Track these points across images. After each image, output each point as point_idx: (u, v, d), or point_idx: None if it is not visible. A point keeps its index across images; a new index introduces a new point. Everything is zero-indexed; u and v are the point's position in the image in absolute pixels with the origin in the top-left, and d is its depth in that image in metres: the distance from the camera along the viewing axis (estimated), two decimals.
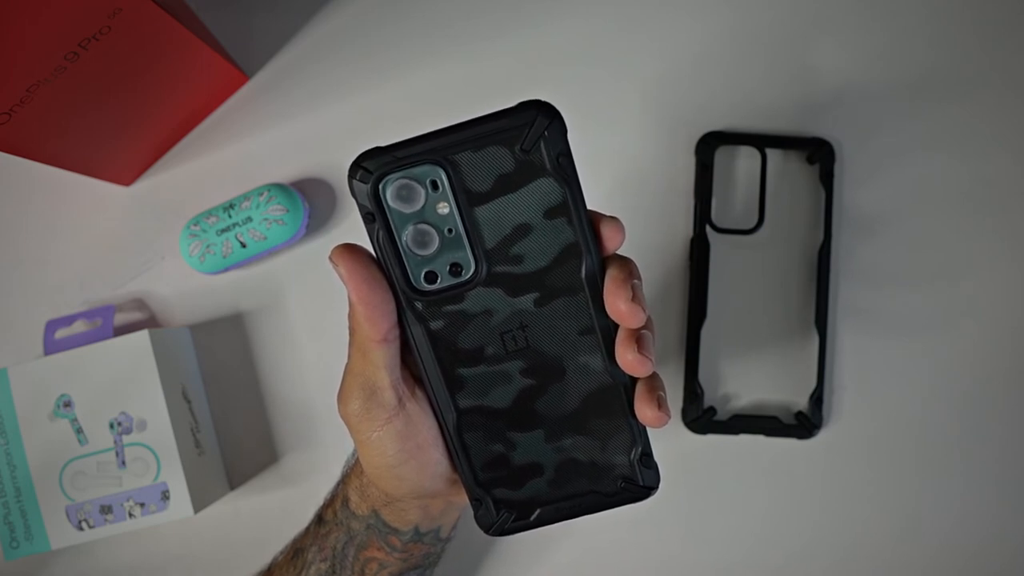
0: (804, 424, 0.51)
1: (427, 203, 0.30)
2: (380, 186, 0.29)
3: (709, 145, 0.52)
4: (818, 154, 0.52)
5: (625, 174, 0.53)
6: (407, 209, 0.30)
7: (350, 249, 0.30)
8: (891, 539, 0.52)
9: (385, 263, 0.30)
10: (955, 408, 0.52)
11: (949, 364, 0.52)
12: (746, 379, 0.53)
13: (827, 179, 0.52)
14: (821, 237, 0.52)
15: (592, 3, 0.54)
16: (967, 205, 0.53)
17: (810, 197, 0.53)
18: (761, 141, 0.52)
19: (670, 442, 0.52)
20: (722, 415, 0.52)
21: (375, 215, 0.30)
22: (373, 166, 0.29)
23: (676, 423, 0.53)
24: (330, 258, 0.30)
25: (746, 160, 0.53)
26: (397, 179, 0.29)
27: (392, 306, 0.30)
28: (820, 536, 0.52)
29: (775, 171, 0.53)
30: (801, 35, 0.53)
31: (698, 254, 0.52)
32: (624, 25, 0.54)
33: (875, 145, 0.53)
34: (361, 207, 0.30)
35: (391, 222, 0.30)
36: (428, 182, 0.29)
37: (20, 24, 0.37)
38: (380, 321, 0.30)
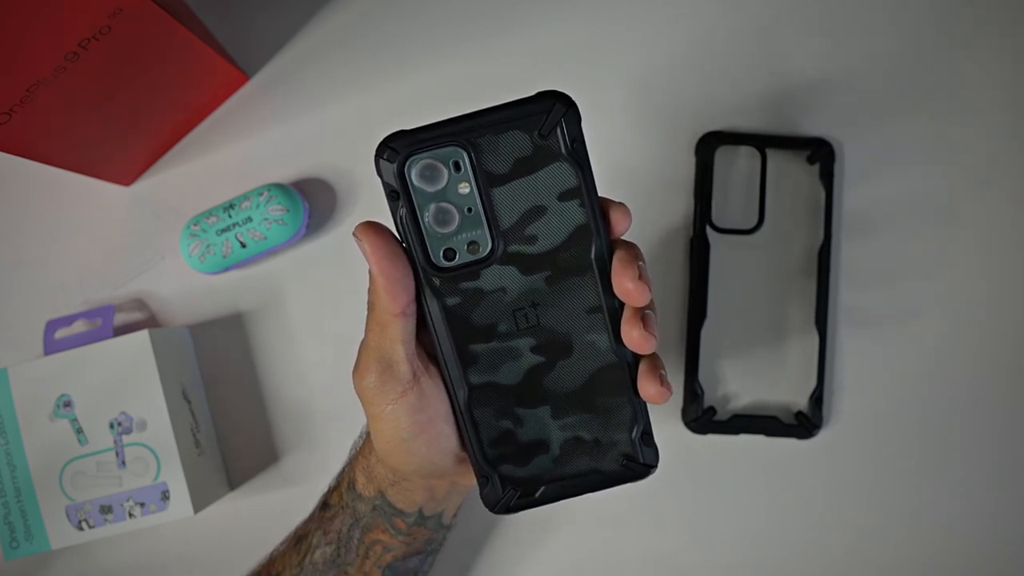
0: (804, 424, 0.51)
1: (449, 183, 0.31)
2: (406, 166, 0.31)
3: (709, 145, 0.52)
4: (818, 154, 0.52)
5: (625, 174, 0.53)
6: (430, 188, 0.31)
7: (373, 226, 0.31)
8: (891, 539, 0.52)
9: (407, 239, 0.32)
10: (955, 408, 0.52)
11: (949, 364, 0.52)
12: (746, 379, 0.53)
13: (827, 179, 0.52)
14: (821, 237, 0.52)
15: (592, 2, 0.54)
16: (967, 205, 0.53)
17: (810, 197, 0.53)
18: (761, 141, 0.52)
19: (670, 442, 0.52)
20: (722, 415, 0.52)
21: (399, 193, 0.31)
22: (400, 146, 0.30)
23: (676, 423, 0.53)
24: (354, 234, 0.31)
25: (746, 160, 0.53)
26: (422, 159, 0.31)
27: (411, 281, 0.32)
28: (820, 536, 0.52)
29: (775, 171, 0.53)
30: (802, 35, 0.53)
31: (698, 254, 0.52)
32: (624, 25, 0.54)
33: (875, 145, 0.53)
34: (386, 186, 0.31)
35: (414, 200, 0.31)
36: (451, 163, 0.31)
37: (20, 24, 0.37)
38: (400, 295, 0.31)
